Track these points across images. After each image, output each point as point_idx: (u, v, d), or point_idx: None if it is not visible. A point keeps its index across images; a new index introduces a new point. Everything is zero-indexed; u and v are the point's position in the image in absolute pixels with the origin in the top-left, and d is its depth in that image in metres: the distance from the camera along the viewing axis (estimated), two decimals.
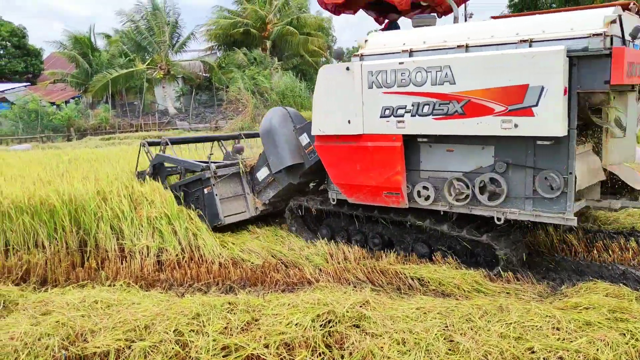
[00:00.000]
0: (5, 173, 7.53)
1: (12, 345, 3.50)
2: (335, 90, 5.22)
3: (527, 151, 4.48)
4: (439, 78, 4.58)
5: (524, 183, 4.53)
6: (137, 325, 3.67)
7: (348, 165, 5.30)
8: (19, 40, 36.78)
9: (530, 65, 4.18)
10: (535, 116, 4.19)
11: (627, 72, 4.05)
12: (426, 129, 4.72)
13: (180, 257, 5.35)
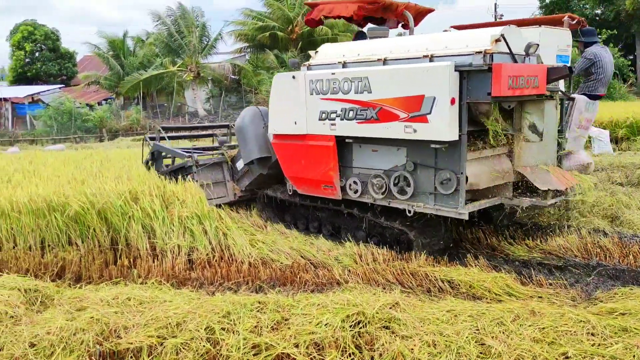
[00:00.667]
0: (41, 172, 7.73)
1: (48, 339, 3.58)
2: (285, 96, 6.02)
3: (430, 153, 5.05)
4: (360, 87, 5.27)
5: (428, 181, 5.14)
6: (169, 323, 3.72)
7: (296, 160, 6.08)
8: (52, 43, 37.71)
9: (425, 78, 4.79)
10: (429, 123, 4.78)
11: (507, 85, 4.53)
12: (351, 131, 5.44)
13: (210, 256, 5.42)
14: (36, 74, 39.14)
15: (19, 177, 7.55)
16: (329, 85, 5.55)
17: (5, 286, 4.33)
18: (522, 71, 4.73)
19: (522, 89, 4.73)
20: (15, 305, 4.03)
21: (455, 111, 4.72)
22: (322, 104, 5.64)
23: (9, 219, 5.90)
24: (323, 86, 5.61)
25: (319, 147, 5.79)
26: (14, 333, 3.69)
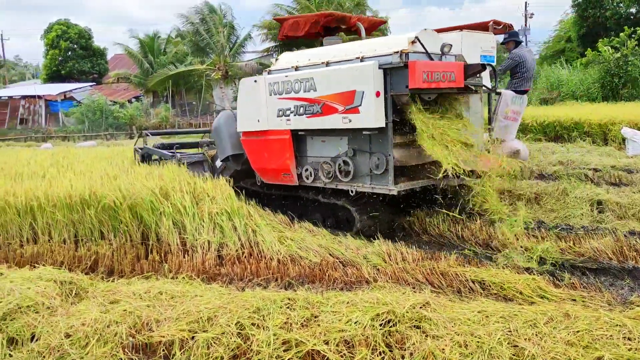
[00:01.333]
0: (74, 168, 7.89)
1: (83, 330, 3.66)
2: (249, 97, 6.84)
3: (365, 140, 5.82)
4: (307, 87, 6.09)
5: (365, 164, 5.88)
6: (200, 317, 3.76)
7: (260, 153, 6.89)
8: (85, 42, 38.44)
9: (355, 76, 5.60)
10: (360, 113, 5.57)
11: (422, 79, 5.24)
12: (303, 125, 6.25)
13: (240, 253, 5.46)
14: (69, 71, 39.99)
15: (53, 172, 7.72)
16: (284, 87, 6.39)
17: (42, 278, 4.43)
18: (437, 67, 5.44)
19: (438, 82, 5.44)
20: (51, 297, 4.12)
21: (381, 102, 5.50)
22: (279, 102, 6.48)
23: (44, 213, 6.03)
24: (279, 87, 6.46)
25: (278, 140, 6.63)
26: (50, 323, 3.78)
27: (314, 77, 6.04)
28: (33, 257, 5.59)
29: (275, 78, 6.52)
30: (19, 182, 7.03)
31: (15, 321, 3.80)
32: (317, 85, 6.02)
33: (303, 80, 6.16)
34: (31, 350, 3.55)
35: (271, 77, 6.57)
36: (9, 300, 3.96)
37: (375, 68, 5.47)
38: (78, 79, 39.77)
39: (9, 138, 28.53)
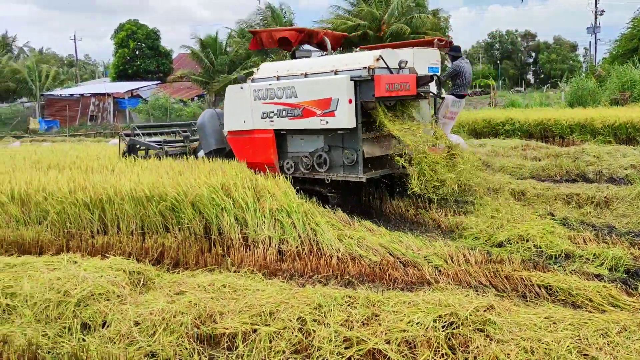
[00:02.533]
0: (142, 163, 8.17)
1: (151, 319, 3.79)
2: (236, 102, 7.91)
3: (339, 138, 6.98)
4: (289, 93, 7.20)
5: (338, 157, 7.03)
6: (263, 311, 3.82)
7: (246, 149, 7.90)
8: (152, 42, 39.74)
9: (332, 86, 6.76)
10: (336, 116, 6.71)
11: (385, 89, 6.45)
12: (285, 125, 7.36)
13: (300, 249, 5.50)
14: (135, 70, 41.52)
15: (122, 166, 8.02)
16: (267, 93, 7.48)
17: (113, 267, 4.62)
18: (396, 79, 6.71)
19: (398, 91, 6.68)
20: (121, 286, 4.29)
21: (352, 108, 6.67)
22: (263, 106, 7.56)
23: (113, 206, 6.28)
24: (264, 94, 7.53)
25: (262, 138, 7.69)
26: (120, 311, 3.94)
27: (295, 86, 7.19)
28: (103, 247, 5.84)
29: (259, 85, 7.61)
30: (90, 175, 7.35)
31: (88, 307, 3.98)
32: (298, 93, 7.15)
33: (285, 88, 7.28)
34: (103, 336, 3.71)
35: (256, 85, 7.68)
36: (83, 287, 4.15)
37: (348, 80, 6.68)
38: (144, 77, 41.24)
39: (80, 134, 29.93)
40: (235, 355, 3.46)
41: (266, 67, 8.24)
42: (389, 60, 6.90)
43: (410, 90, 6.91)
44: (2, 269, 4.73)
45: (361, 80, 6.69)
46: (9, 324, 3.92)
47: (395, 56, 7.08)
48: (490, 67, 64.62)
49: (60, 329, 3.83)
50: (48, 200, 6.51)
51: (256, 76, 8.04)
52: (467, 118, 16.87)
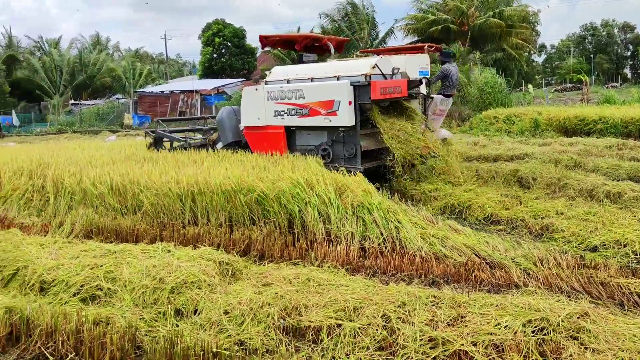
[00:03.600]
0: (229, 157, 8.45)
1: (240, 309, 3.93)
2: (251, 101, 9.12)
3: (340, 134, 8.10)
4: (298, 95, 8.38)
5: (340, 150, 8.18)
6: (347, 307, 3.86)
7: (260, 142, 9.12)
8: (239, 41, 40.88)
9: (335, 90, 7.90)
10: (338, 115, 7.86)
11: (380, 93, 7.58)
12: (294, 122, 8.56)
13: (382, 247, 5.49)
14: (221, 67, 42.89)
15: (211, 160, 8.34)
16: (279, 94, 8.69)
17: (203, 257, 4.82)
18: (389, 84, 7.92)
19: (391, 94, 7.89)
20: (211, 275, 4.47)
21: (352, 109, 7.81)
22: (275, 106, 8.76)
23: (203, 198, 6.55)
24: (276, 95, 8.74)
25: (274, 133, 8.89)
26: (211, 300, 4.11)
27: (303, 89, 8.36)
28: (194, 237, 6.10)
29: (272, 87, 8.81)
30: (181, 169, 7.70)
31: (181, 295, 4.19)
32: (305, 95, 8.33)
33: (294, 91, 8.46)
34: (194, 323, 3.89)
35: (269, 87, 8.88)
36: (177, 275, 4.37)
37: (348, 85, 7.83)
38: (229, 75, 42.53)
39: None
40: (321, 348, 3.52)
41: (278, 70, 9.53)
42: (383, 67, 8.19)
43: (402, 92, 8.12)
44: (103, 255, 5.06)
45: (359, 85, 7.82)
46: (110, 307, 4.19)
47: (389, 63, 8.45)
48: (582, 61, 61.25)
49: (155, 313, 4.05)
50: (143, 192, 6.89)
51: (269, 79, 9.24)
52: (557, 114, 16.11)
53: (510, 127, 16.85)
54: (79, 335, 3.63)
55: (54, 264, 4.84)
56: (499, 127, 17.16)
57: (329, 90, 8.08)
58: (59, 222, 7.10)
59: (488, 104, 20.91)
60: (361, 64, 8.30)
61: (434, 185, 8.29)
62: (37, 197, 8.04)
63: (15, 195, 8.20)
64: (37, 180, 8.32)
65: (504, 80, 24.59)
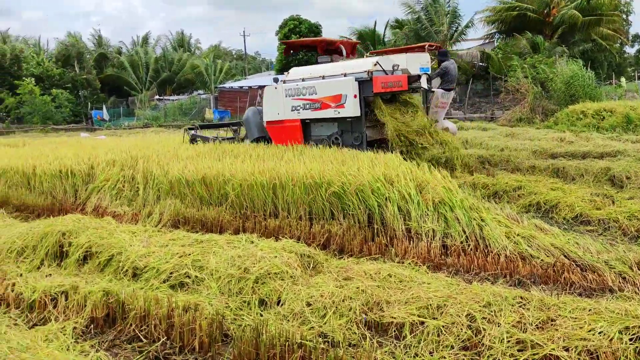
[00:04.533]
0: (307, 153, 8.55)
1: (322, 301, 3.97)
2: (272, 98, 10.53)
3: (348, 124, 9.47)
4: (311, 91, 9.71)
5: (349, 138, 9.47)
6: (430, 304, 3.81)
7: (279, 135, 10.43)
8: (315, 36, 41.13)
9: (342, 85, 9.21)
10: (345, 107, 9.16)
11: (381, 86, 8.76)
12: (308, 115, 9.88)
13: (464, 245, 5.37)
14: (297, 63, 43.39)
15: (290, 155, 8.47)
16: (295, 92, 10.06)
17: (285, 249, 4.91)
18: (389, 79, 9.01)
19: (392, 88, 8.99)
20: (293, 267, 4.55)
21: (357, 101, 9.07)
22: (292, 102, 10.12)
23: (285, 191, 6.66)
24: (292, 92, 10.11)
25: (292, 126, 10.26)
26: (294, 291, 4.18)
27: (315, 86, 9.75)
28: (275, 230, 6.22)
29: (289, 86, 10.21)
30: (263, 162, 7.87)
31: (265, 285, 4.29)
32: (317, 91, 9.69)
33: (308, 88, 9.82)
34: (277, 313, 3.97)
35: (287, 85, 10.28)
36: (261, 266, 4.47)
37: (353, 81, 9.12)
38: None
39: None
40: (403, 345, 3.49)
41: (294, 71, 10.91)
42: (384, 64, 9.35)
43: (403, 86, 9.15)
44: (191, 244, 5.27)
45: (363, 80, 9.09)
46: (198, 294, 4.36)
47: (389, 61, 9.61)
48: None
49: (240, 302, 4.17)
50: (228, 184, 7.11)
51: (287, 78, 10.66)
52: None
53: (600, 122, 15.95)
54: (170, 320, 3.80)
55: (145, 252, 5.10)
56: (587, 122, 16.30)
57: (337, 86, 9.37)
58: (148, 212, 7.46)
59: (575, 98, 19.89)
60: (364, 62, 9.57)
61: (517, 183, 8.01)
62: (128, 187, 8.49)
63: (107, 185, 8.69)
64: (128, 172, 8.78)
65: (592, 73, 23.30)
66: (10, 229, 6.55)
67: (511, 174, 9.16)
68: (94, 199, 8.48)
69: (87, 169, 9.11)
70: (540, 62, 24.97)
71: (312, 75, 10.09)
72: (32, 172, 9.65)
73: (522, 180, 8.15)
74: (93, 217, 6.53)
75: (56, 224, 5.98)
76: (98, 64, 50.71)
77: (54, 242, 5.65)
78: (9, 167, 10.18)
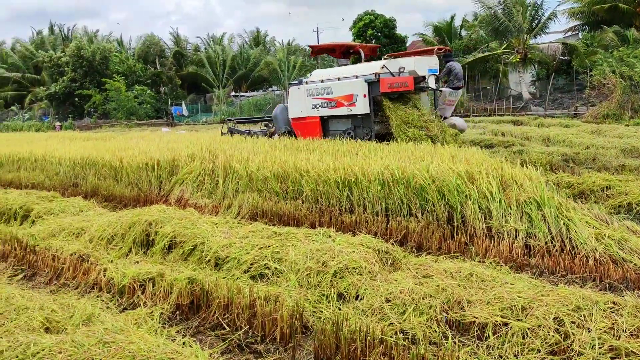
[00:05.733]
0: (384, 148, 8.49)
1: (401, 298, 3.94)
2: (296, 97, 12.33)
3: (360, 120, 11.19)
4: (328, 92, 11.49)
5: (361, 133, 11.09)
6: (514, 305, 3.69)
7: (302, 129, 12.13)
8: (389, 31, 40.84)
9: (354, 86, 10.90)
10: (356, 106, 10.87)
11: (388, 87, 10.15)
12: (326, 113, 11.65)
13: (549, 245, 5.15)
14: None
15: (365, 150, 8.46)
16: (315, 92, 11.80)
17: (363, 244, 4.91)
18: (396, 80, 10.23)
19: (398, 88, 10.16)
20: (371, 262, 4.54)
21: (366, 100, 10.68)
22: (313, 101, 11.85)
23: (360, 187, 6.66)
24: (313, 92, 11.86)
25: (312, 122, 11.96)
26: (372, 286, 4.17)
27: (331, 87, 11.48)
28: (351, 225, 6.23)
29: (310, 87, 12.03)
30: (338, 158, 7.90)
31: (343, 279, 4.31)
32: (333, 91, 11.43)
33: (326, 88, 11.58)
34: (356, 308, 3.98)
35: (308, 86, 12.09)
36: (339, 260, 4.49)
37: (362, 82, 10.75)
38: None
39: None
40: (486, 345, 3.40)
41: (315, 73, 12.82)
42: (391, 67, 10.78)
43: (409, 86, 10.07)
44: (270, 237, 5.38)
45: (371, 81, 10.65)
46: (277, 286, 4.44)
47: (396, 64, 10.88)
48: None
49: (319, 295, 4.21)
50: (304, 178, 7.19)
51: (309, 80, 12.52)
52: None
53: None
54: (252, 309, 3.90)
55: (226, 242, 5.25)
56: None
57: (350, 86, 11.07)
58: (227, 204, 7.67)
59: None
60: (373, 65, 11.21)
61: (606, 182, 7.60)
62: (208, 180, 8.76)
63: (189, 178, 9.01)
64: (208, 165, 9.06)
65: None
66: (100, 218, 6.93)
67: (598, 173, 8.69)
68: (177, 190, 8.82)
69: (170, 162, 9.49)
70: (629, 55, 23.52)
71: (330, 77, 11.88)
72: (119, 165, 10.17)
73: (611, 179, 7.72)
74: (177, 208, 6.79)
75: (143, 213, 6.27)
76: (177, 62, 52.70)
77: (141, 231, 5.93)
78: (98, 159, 10.78)
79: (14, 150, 14.01)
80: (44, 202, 8.20)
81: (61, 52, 46.80)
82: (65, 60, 44.90)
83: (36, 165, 12.33)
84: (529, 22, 30.20)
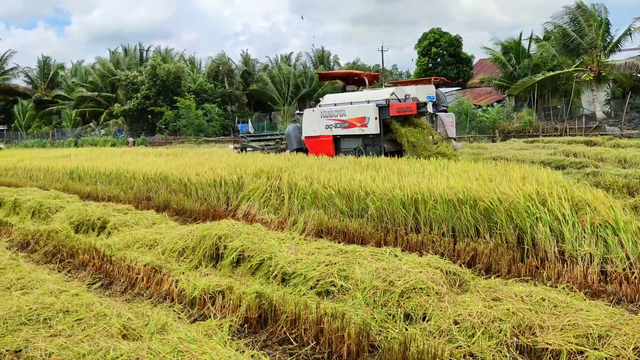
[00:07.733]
0: (450, 168, 8.39)
1: (470, 321, 3.87)
2: (310, 119, 14.99)
3: (370, 139, 13.73)
4: (341, 114, 14.18)
5: (371, 151, 13.19)
6: (590, 333, 3.55)
7: (315, 147, 14.46)
8: (454, 50, 40.42)
9: (366, 109, 13.67)
10: (368, 127, 13.55)
11: (396, 111, 13.16)
12: (339, 132, 14.30)
13: (627, 272, 4.92)
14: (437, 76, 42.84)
15: (431, 169, 8.39)
16: (329, 113, 14.34)
17: (430, 265, 4.86)
18: (402, 105, 13.21)
19: (404, 112, 13.14)
20: (439, 283, 4.49)
21: (377, 122, 13.26)
22: (326, 121, 14.36)
23: (426, 207, 6.60)
24: (327, 114, 14.40)
25: (326, 140, 14.35)
26: (440, 308, 4.12)
27: (345, 109, 13.90)
28: (417, 244, 6.18)
29: (324, 109, 14.55)
30: (404, 177, 7.87)
31: (410, 300, 4.28)
32: (346, 113, 13.81)
33: (339, 111, 13.95)
34: (423, 329, 3.94)
35: (322, 109, 14.62)
36: (406, 280, 4.47)
37: (374, 106, 13.23)
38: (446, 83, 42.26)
39: None
40: None
41: (328, 97, 15.39)
42: (398, 94, 13.42)
43: (413, 111, 13.01)
44: (335, 254, 5.42)
45: (382, 106, 13.11)
46: (343, 303, 4.47)
47: (402, 91, 13.56)
48: None
49: (385, 315, 4.20)
50: (369, 196, 7.21)
51: (322, 103, 15.15)
52: None
53: None
54: (319, 326, 3.94)
55: (293, 258, 5.34)
56: None
57: (362, 110, 13.54)
58: (293, 221, 7.80)
59: None
60: (383, 92, 13.80)
61: None
62: (274, 196, 8.94)
63: (256, 194, 9.23)
64: (274, 182, 9.25)
65: None
66: (172, 231, 7.21)
67: None
68: (244, 206, 9.05)
69: (237, 178, 9.76)
70: None
71: (343, 101, 14.39)
72: (189, 180, 10.55)
73: None
74: (244, 223, 6.96)
75: (213, 228, 6.47)
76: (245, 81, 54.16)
77: (211, 245, 6.12)
78: (170, 174, 11.24)
79: (92, 164, 14.83)
80: (120, 214, 8.61)
81: (137, 72, 49.13)
82: (141, 80, 47.09)
83: (112, 179, 13.00)
84: (602, 38, 29.08)
